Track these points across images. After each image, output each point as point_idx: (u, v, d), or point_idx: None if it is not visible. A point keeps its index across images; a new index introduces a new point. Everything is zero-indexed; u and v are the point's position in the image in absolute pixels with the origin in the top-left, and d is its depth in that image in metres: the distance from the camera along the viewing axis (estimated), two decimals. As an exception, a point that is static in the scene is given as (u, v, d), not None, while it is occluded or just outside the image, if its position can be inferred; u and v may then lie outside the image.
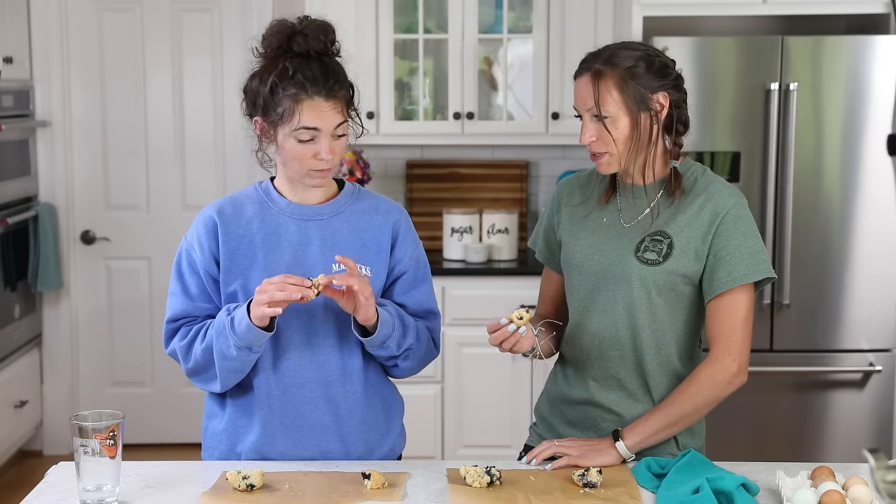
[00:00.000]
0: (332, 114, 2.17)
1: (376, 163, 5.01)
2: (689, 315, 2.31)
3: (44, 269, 4.91)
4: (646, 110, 2.22)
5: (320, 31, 2.18)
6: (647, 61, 2.23)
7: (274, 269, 2.22)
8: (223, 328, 2.17)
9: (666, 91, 2.24)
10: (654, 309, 2.28)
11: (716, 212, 2.25)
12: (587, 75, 2.24)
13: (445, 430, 4.56)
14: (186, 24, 5.07)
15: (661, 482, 2.10)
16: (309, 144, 2.18)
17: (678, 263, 2.25)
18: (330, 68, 2.18)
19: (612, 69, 2.21)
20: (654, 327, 2.29)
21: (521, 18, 4.77)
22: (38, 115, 5.01)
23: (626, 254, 2.28)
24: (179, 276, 2.29)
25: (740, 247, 2.23)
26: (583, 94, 2.24)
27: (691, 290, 2.29)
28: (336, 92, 2.17)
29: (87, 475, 2.00)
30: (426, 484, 2.13)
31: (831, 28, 4.53)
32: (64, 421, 4.99)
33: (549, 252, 2.46)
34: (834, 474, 2.06)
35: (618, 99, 2.21)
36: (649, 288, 2.26)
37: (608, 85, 2.21)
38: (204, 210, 2.30)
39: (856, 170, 4.05)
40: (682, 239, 2.26)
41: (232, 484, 2.07)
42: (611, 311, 2.30)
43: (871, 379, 4.12)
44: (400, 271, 2.33)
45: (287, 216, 2.27)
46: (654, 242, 2.27)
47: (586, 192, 2.39)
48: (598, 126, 2.23)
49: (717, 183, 2.30)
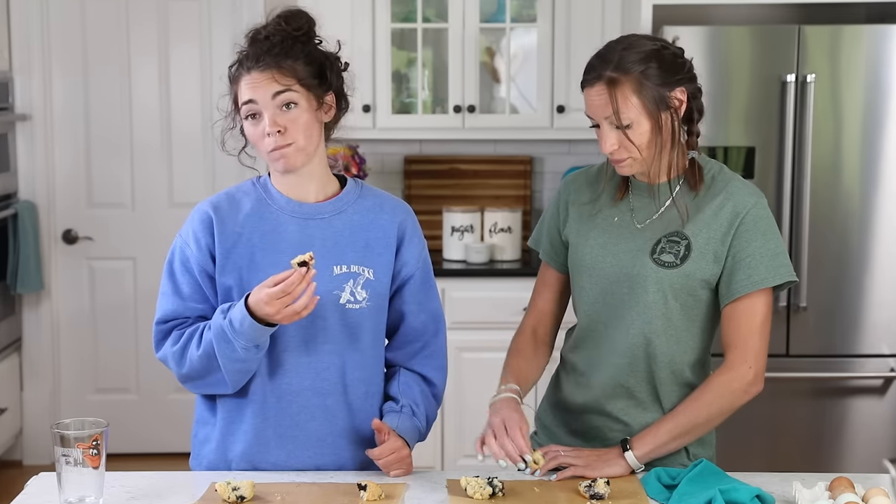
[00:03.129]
0: (266, 83, 2.17)
1: (373, 158, 5.01)
2: (704, 320, 2.31)
3: (24, 269, 4.91)
4: (665, 109, 2.21)
5: (282, 19, 2.21)
6: (659, 58, 2.21)
7: (273, 270, 2.20)
8: (222, 332, 2.16)
9: (682, 85, 2.23)
10: (670, 314, 2.27)
11: (735, 212, 2.25)
12: (600, 84, 2.20)
13: (445, 438, 4.57)
14: (173, 12, 5.07)
15: (672, 494, 2.11)
16: (257, 122, 2.19)
17: (696, 266, 2.25)
18: (277, 45, 2.18)
19: (625, 75, 2.18)
20: (668, 333, 2.28)
21: (524, 7, 4.77)
22: (18, 109, 5.01)
23: (642, 255, 2.27)
24: (171, 274, 2.29)
25: (761, 249, 2.23)
26: (599, 103, 2.21)
27: (708, 294, 2.29)
28: (276, 61, 2.17)
29: (69, 486, 2.01)
30: (425, 495, 2.14)
31: (851, 17, 4.53)
32: (45, 429, 4.99)
33: (554, 252, 2.46)
34: (853, 485, 2.06)
35: (637, 104, 2.19)
36: (665, 292, 2.26)
37: (625, 92, 2.18)
38: (199, 206, 2.30)
39: (876, 166, 4.06)
40: (701, 240, 2.25)
41: (221, 496, 2.07)
42: (624, 315, 2.30)
43: (893, 385, 4.13)
44: (407, 275, 2.33)
45: (287, 215, 2.27)
46: (671, 244, 2.26)
47: (595, 190, 2.38)
48: (618, 133, 2.21)
49: (736, 181, 2.30)
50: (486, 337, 4.49)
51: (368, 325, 2.28)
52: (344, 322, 2.25)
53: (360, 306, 2.26)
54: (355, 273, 2.26)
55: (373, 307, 2.27)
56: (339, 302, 2.24)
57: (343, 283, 2.25)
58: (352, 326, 2.26)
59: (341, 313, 2.24)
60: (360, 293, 2.25)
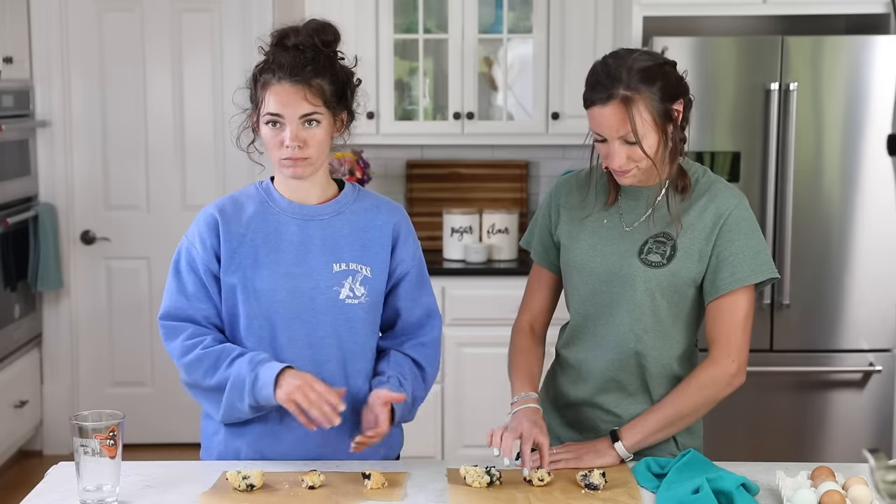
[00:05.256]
0: (296, 99, 2.16)
1: (376, 163, 5.01)
2: (690, 316, 2.32)
3: (44, 269, 4.91)
4: (669, 122, 2.21)
5: (314, 31, 2.19)
6: (664, 75, 2.20)
7: (275, 268, 2.23)
8: (241, 383, 2.17)
9: (681, 98, 2.23)
10: (658, 311, 2.28)
11: (719, 213, 2.25)
12: (615, 103, 2.17)
13: (445, 430, 4.56)
14: (186, 24, 5.07)
15: (661, 482, 2.11)
16: (277, 131, 2.18)
17: (682, 265, 2.25)
18: (309, 59, 2.17)
19: (639, 93, 2.16)
20: (656, 329, 2.29)
21: (521, 18, 4.77)
22: (38, 115, 5.01)
23: (630, 256, 2.28)
24: (177, 273, 2.29)
25: (743, 248, 2.24)
26: (613, 122, 2.18)
27: (694, 291, 2.29)
28: (306, 78, 2.16)
29: (87, 475, 2.01)
30: (426, 484, 2.14)
31: (831, 28, 4.53)
32: (64, 421, 4.99)
33: (545, 251, 2.45)
34: (834, 474, 2.06)
35: (649, 120, 2.18)
36: (653, 290, 2.26)
37: (639, 109, 2.16)
38: (205, 209, 2.31)
39: (856, 170, 4.05)
40: (686, 240, 2.25)
41: (232, 484, 2.07)
42: (614, 313, 2.30)
43: (871, 379, 4.12)
44: (402, 273, 2.33)
45: (288, 216, 2.28)
46: (658, 244, 2.27)
47: (584, 193, 2.38)
48: (628, 148, 2.19)
49: (719, 184, 2.30)
50: (484, 333, 4.48)
51: (366, 319, 2.29)
52: (343, 316, 2.25)
53: (359, 301, 2.26)
54: (354, 270, 2.26)
55: (370, 303, 2.29)
56: (339, 297, 2.25)
57: (342, 280, 2.25)
58: (351, 321, 2.26)
59: (340, 308, 2.25)
60: (358, 289, 2.26)
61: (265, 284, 2.23)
